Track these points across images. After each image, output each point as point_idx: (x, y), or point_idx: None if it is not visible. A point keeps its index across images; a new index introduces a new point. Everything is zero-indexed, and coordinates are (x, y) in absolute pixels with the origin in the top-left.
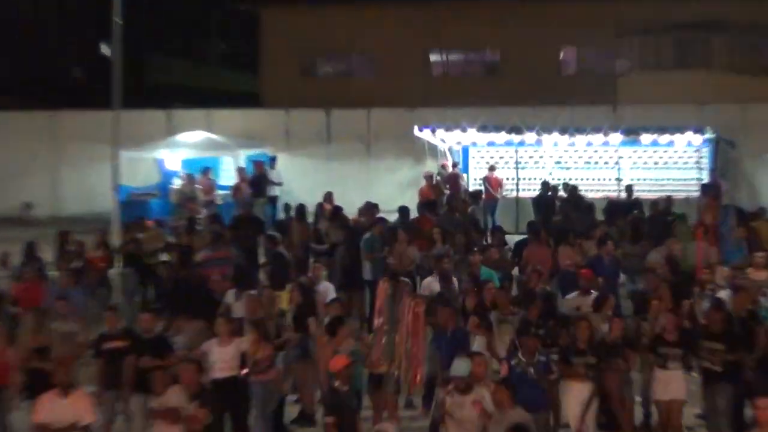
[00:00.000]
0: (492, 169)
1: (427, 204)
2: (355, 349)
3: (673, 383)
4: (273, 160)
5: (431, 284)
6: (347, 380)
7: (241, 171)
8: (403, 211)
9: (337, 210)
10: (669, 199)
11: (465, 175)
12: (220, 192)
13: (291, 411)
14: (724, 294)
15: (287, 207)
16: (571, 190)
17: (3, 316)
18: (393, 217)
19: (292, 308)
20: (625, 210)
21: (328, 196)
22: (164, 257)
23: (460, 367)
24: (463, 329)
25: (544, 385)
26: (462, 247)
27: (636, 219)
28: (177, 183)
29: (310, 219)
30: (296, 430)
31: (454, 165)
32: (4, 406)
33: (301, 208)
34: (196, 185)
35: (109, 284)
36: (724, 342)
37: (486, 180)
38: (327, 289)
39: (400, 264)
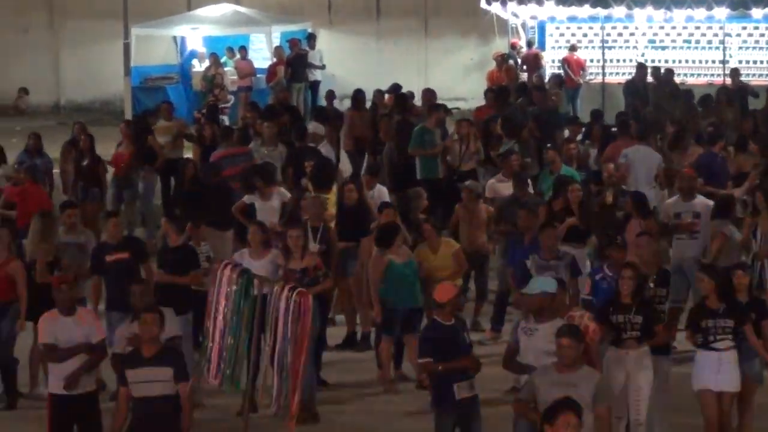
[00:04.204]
0: (573, 49)
1: (498, 91)
2: (411, 261)
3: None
4: (312, 38)
5: (495, 186)
6: (453, 313)
7: (278, 51)
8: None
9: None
10: None
11: (543, 56)
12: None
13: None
14: None
15: (330, 94)
16: (666, 74)
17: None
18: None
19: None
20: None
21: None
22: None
23: (544, 283)
24: None
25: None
26: (532, 143)
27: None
28: (197, 66)
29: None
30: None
31: (529, 44)
32: (10, 325)
33: (358, 95)
34: (225, 68)
35: (136, 186)
36: None
37: (566, 62)
38: (381, 193)
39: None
